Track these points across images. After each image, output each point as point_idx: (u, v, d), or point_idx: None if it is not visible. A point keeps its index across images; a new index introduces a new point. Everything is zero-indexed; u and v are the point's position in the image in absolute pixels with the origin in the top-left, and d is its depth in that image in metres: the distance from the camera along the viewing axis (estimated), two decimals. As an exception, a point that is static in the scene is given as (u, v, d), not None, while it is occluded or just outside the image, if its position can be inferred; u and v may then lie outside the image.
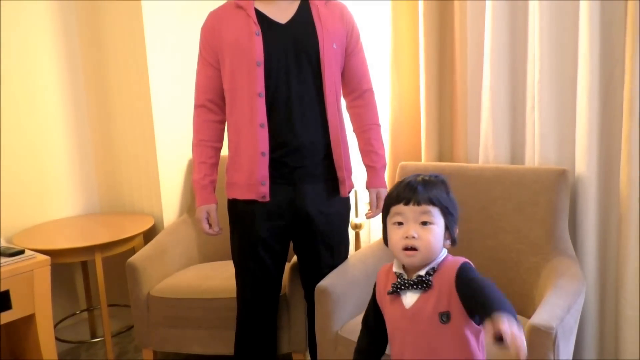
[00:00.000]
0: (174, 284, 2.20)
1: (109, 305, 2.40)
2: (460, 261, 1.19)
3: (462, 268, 1.16)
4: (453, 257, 1.22)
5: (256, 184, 1.73)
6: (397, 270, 1.25)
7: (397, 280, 1.22)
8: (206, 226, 1.81)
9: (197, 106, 1.81)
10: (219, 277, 2.18)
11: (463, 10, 2.07)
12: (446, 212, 1.19)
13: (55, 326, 2.33)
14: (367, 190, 1.90)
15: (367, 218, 1.93)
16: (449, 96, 2.21)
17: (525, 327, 1.40)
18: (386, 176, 2.36)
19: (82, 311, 2.75)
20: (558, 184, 1.83)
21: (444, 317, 1.15)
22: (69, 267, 2.69)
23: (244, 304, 1.89)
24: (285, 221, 1.79)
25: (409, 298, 1.21)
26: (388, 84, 2.31)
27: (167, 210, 2.58)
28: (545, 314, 1.42)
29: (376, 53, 2.37)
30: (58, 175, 2.63)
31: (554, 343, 1.36)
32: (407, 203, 1.18)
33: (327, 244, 1.84)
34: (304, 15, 1.74)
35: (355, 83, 1.85)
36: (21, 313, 1.91)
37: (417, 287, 1.19)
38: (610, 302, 1.90)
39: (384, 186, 1.90)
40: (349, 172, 1.85)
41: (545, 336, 1.35)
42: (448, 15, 2.16)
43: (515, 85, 2.04)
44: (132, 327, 2.45)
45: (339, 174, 1.80)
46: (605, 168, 1.88)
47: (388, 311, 1.27)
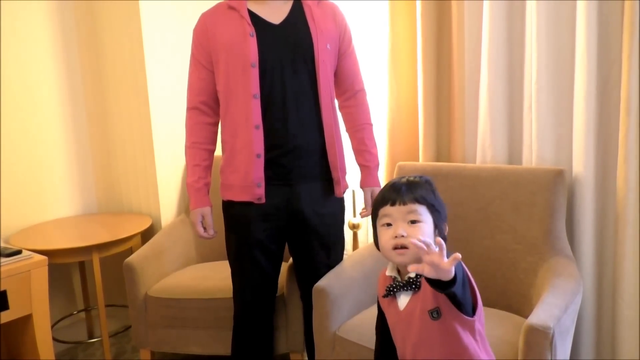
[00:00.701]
0: (172, 284, 2.20)
1: (107, 305, 2.39)
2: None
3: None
4: None
5: (252, 186, 1.72)
6: (390, 273, 1.27)
7: (392, 283, 1.24)
8: (201, 229, 1.81)
9: (190, 108, 1.80)
10: (217, 278, 2.18)
11: (461, 10, 2.08)
12: (433, 210, 1.21)
13: (52, 326, 2.33)
14: (362, 189, 1.91)
15: (362, 217, 1.94)
16: (447, 96, 2.21)
17: (522, 327, 1.41)
18: (384, 176, 2.38)
19: (80, 311, 2.74)
20: (555, 184, 1.84)
21: (434, 314, 1.16)
22: (67, 267, 2.69)
23: (241, 305, 1.89)
24: (281, 222, 1.78)
25: (403, 300, 1.23)
26: (386, 84, 2.31)
27: (165, 210, 2.58)
28: (542, 314, 1.42)
29: (374, 53, 2.37)
30: (56, 175, 2.62)
31: (551, 343, 1.36)
32: (394, 204, 1.20)
33: (323, 244, 1.84)
34: (298, 15, 1.73)
35: (348, 83, 1.85)
36: (18, 313, 1.91)
37: (408, 289, 1.21)
38: (607, 302, 1.90)
39: (378, 185, 1.90)
40: (344, 172, 1.85)
41: (542, 336, 1.36)
42: (446, 15, 2.16)
43: (512, 85, 2.04)
44: (130, 328, 2.45)
45: (334, 174, 1.80)
46: (602, 168, 1.88)
47: (387, 314, 1.29)
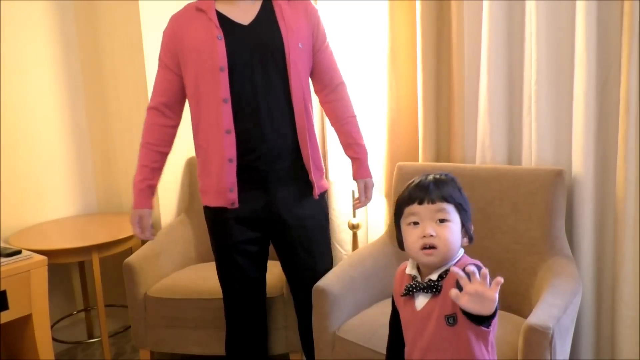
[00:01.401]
0: (171, 285, 2.20)
1: (106, 305, 2.39)
2: (468, 262, 1.17)
3: (465, 268, 1.14)
4: (466, 259, 1.20)
5: (224, 191, 1.70)
6: (411, 272, 1.24)
7: (411, 282, 1.21)
8: (137, 230, 1.79)
9: (150, 108, 1.78)
10: (216, 278, 2.18)
11: (460, 11, 2.08)
12: (460, 209, 1.18)
13: (52, 326, 2.33)
14: (355, 181, 1.91)
15: (355, 208, 1.94)
16: (446, 97, 2.21)
17: (522, 327, 1.41)
18: (384, 176, 2.38)
19: (79, 311, 2.74)
20: (555, 185, 1.84)
21: (451, 320, 1.14)
22: (66, 268, 2.69)
23: (230, 307, 1.91)
24: (260, 226, 1.78)
25: (420, 300, 1.20)
26: (386, 84, 2.31)
27: (165, 210, 2.58)
28: (541, 314, 1.42)
29: (374, 53, 2.37)
30: (55, 175, 2.62)
31: (551, 343, 1.36)
32: (421, 202, 1.16)
33: (304, 247, 1.82)
34: (267, 15, 1.70)
35: (327, 79, 1.84)
36: (18, 313, 1.91)
37: (428, 291, 1.18)
38: (606, 302, 1.90)
39: (370, 176, 1.91)
40: (321, 173, 1.83)
41: (541, 336, 1.36)
42: (445, 15, 2.16)
43: (512, 85, 2.04)
44: (129, 328, 2.45)
45: (310, 176, 1.77)
46: (601, 168, 1.88)
47: (402, 311, 1.27)
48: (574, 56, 1.84)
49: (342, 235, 2.58)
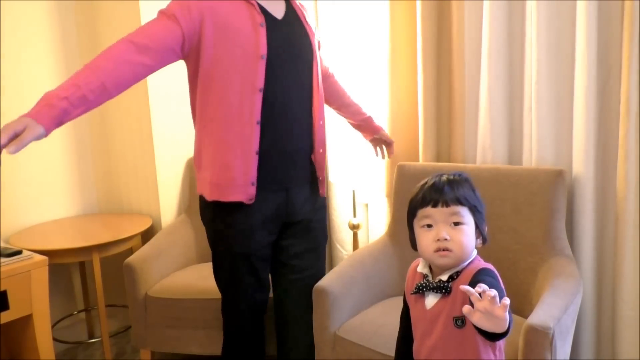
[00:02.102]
0: (172, 285, 2.20)
1: (107, 305, 2.39)
2: (480, 266, 1.16)
3: (478, 272, 1.14)
4: (478, 262, 1.19)
5: (246, 185, 1.61)
6: (422, 270, 1.23)
7: (422, 281, 1.21)
8: (5, 138, 1.28)
9: (127, 40, 1.49)
10: (217, 278, 2.18)
11: (461, 10, 2.08)
12: (475, 211, 1.17)
13: (52, 326, 2.34)
14: (378, 134, 2.08)
15: (390, 156, 2.13)
16: (447, 97, 2.21)
17: (522, 327, 1.41)
18: (384, 176, 2.38)
19: (80, 311, 2.74)
20: (555, 185, 1.84)
21: (459, 322, 1.14)
22: (67, 268, 2.69)
23: (235, 317, 1.79)
24: (277, 228, 1.73)
25: (430, 300, 1.19)
26: (386, 85, 2.31)
27: (165, 210, 2.58)
28: (542, 314, 1.42)
29: (374, 53, 2.37)
30: (56, 175, 2.62)
31: (551, 343, 1.36)
32: (435, 205, 1.15)
33: (312, 248, 1.80)
34: (293, 13, 1.70)
35: (324, 69, 1.88)
36: (19, 313, 1.91)
37: (437, 291, 1.17)
38: (607, 302, 1.90)
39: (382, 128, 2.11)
40: (324, 172, 1.81)
41: (542, 336, 1.36)
42: (446, 16, 2.16)
43: (512, 85, 2.04)
44: (130, 328, 2.45)
45: (319, 174, 1.76)
46: (602, 169, 1.88)
47: (412, 309, 1.27)
48: (575, 56, 1.84)
49: (343, 235, 2.58)
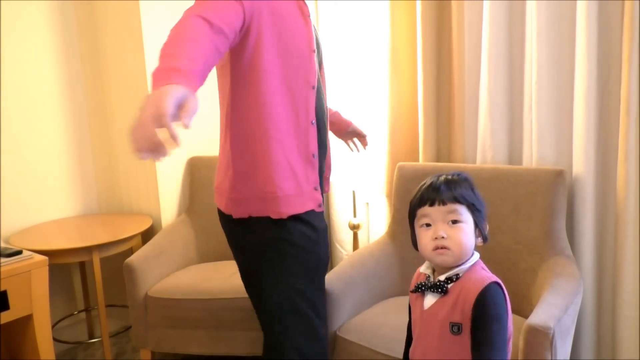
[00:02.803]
0: (172, 285, 2.20)
1: (107, 305, 2.39)
2: (487, 281, 1.13)
3: (485, 292, 1.11)
4: (482, 271, 1.17)
5: (311, 191, 1.42)
6: (425, 271, 1.23)
7: (424, 281, 1.21)
8: (173, 108, 1.03)
9: (218, 32, 1.18)
10: (217, 278, 2.18)
11: (461, 10, 2.08)
12: (473, 209, 1.17)
13: (53, 326, 2.33)
14: (350, 128, 1.86)
15: (365, 148, 1.90)
16: (447, 96, 2.21)
17: (522, 327, 1.41)
18: (384, 176, 2.38)
19: (80, 311, 2.74)
20: (555, 185, 1.84)
21: (455, 328, 1.14)
22: (67, 268, 2.69)
23: (320, 342, 1.44)
24: None
25: (429, 300, 1.20)
26: (386, 84, 2.31)
27: (165, 210, 2.58)
28: (542, 314, 1.42)
29: (374, 53, 2.37)
30: (56, 175, 2.62)
31: (551, 343, 1.36)
32: (432, 204, 1.16)
33: None
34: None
35: None
36: (19, 313, 1.91)
37: (434, 291, 1.18)
38: (607, 302, 1.90)
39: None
40: None
41: (542, 336, 1.36)
42: (446, 15, 2.16)
43: (512, 85, 2.04)
44: (130, 328, 2.45)
45: (327, 173, 1.61)
46: (602, 168, 1.88)
47: (412, 308, 1.28)
48: (575, 56, 1.84)
49: (343, 235, 2.59)
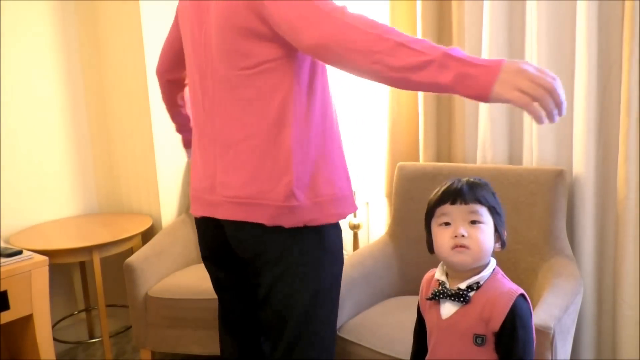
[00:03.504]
0: (172, 285, 2.20)
1: (107, 305, 2.39)
2: (514, 294, 1.10)
3: (515, 307, 1.08)
4: (504, 279, 1.14)
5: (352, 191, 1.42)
6: (439, 277, 1.19)
7: (439, 287, 1.17)
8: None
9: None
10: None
11: (461, 10, 2.08)
12: (494, 212, 1.15)
13: (53, 326, 2.33)
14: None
15: None
16: (447, 96, 2.21)
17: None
18: (384, 176, 2.38)
19: (80, 311, 2.74)
20: (556, 184, 1.84)
21: (479, 340, 1.10)
22: (67, 268, 2.69)
23: (332, 352, 1.42)
24: None
25: (447, 309, 1.15)
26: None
27: (165, 210, 2.58)
28: (542, 314, 1.42)
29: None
30: (56, 175, 2.63)
31: (552, 343, 1.36)
32: (454, 202, 1.13)
33: None
34: None
35: None
36: (19, 313, 1.91)
37: (455, 300, 1.13)
38: (607, 302, 1.90)
39: None
40: None
41: (542, 336, 1.36)
42: (446, 15, 2.16)
43: (513, 85, 2.04)
44: (130, 328, 2.46)
45: None
46: (602, 168, 1.88)
47: (427, 317, 1.23)
48: (575, 56, 1.84)
49: (343, 235, 2.58)
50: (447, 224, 1.13)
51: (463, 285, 1.13)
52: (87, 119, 2.73)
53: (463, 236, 1.10)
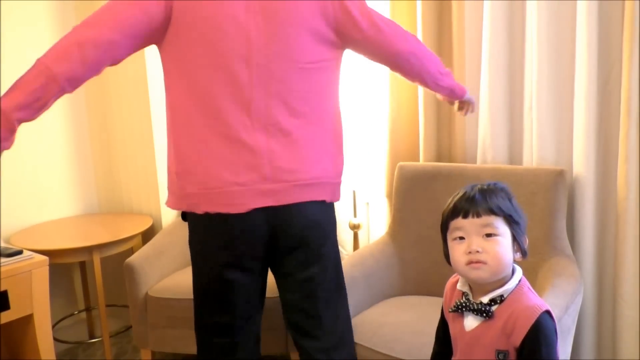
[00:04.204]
0: (173, 285, 2.20)
1: (107, 305, 2.39)
2: (538, 310, 1.06)
3: (539, 325, 1.04)
4: (530, 293, 1.10)
5: None
6: (462, 288, 1.15)
7: (462, 299, 1.13)
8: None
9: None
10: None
11: (461, 10, 2.08)
12: (511, 221, 1.09)
13: (53, 326, 2.33)
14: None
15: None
16: (447, 97, 2.21)
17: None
18: (385, 177, 2.38)
19: (81, 311, 2.74)
20: (556, 184, 1.84)
21: (501, 355, 1.07)
22: (68, 268, 2.69)
23: None
24: None
25: (470, 322, 1.12)
26: (386, 84, 2.31)
27: (166, 210, 2.58)
28: (542, 314, 1.42)
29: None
30: (56, 175, 2.63)
31: (552, 343, 1.36)
32: (466, 216, 1.08)
33: None
34: None
35: None
36: (19, 313, 1.91)
37: (477, 314, 1.10)
38: (608, 302, 1.90)
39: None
40: None
41: (542, 336, 1.35)
42: (446, 15, 2.16)
43: (513, 85, 2.04)
44: (131, 328, 2.45)
45: None
46: (602, 168, 1.88)
47: (451, 326, 1.21)
48: (575, 56, 1.84)
49: (343, 235, 2.58)
50: (462, 238, 1.09)
51: (486, 299, 1.09)
52: (87, 119, 2.73)
53: (478, 252, 1.06)
